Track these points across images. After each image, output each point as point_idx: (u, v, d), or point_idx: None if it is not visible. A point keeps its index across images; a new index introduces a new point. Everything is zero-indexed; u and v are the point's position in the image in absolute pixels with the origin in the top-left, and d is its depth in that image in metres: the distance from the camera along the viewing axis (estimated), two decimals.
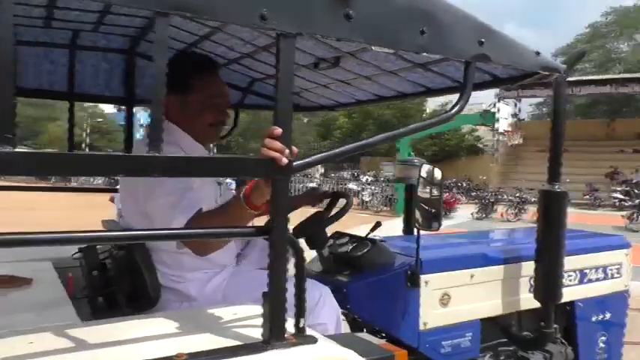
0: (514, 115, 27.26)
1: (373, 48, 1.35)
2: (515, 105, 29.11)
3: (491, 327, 2.39)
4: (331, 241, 2.37)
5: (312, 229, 2.10)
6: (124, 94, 2.53)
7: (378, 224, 2.28)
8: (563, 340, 2.57)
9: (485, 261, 2.29)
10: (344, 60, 2.08)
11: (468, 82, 1.46)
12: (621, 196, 15.75)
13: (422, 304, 2.10)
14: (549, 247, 2.22)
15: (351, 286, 2.07)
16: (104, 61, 2.44)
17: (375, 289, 2.08)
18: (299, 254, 1.21)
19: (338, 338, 1.35)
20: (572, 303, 2.63)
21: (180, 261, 1.74)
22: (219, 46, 2.30)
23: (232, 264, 1.92)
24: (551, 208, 2.24)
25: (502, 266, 2.33)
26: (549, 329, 2.28)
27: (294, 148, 1.23)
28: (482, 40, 1.47)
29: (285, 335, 1.18)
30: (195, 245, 1.62)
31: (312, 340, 1.19)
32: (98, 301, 1.70)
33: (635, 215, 14.35)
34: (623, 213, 15.50)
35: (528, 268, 2.31)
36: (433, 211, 1.92)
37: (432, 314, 2.14)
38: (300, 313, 1.21)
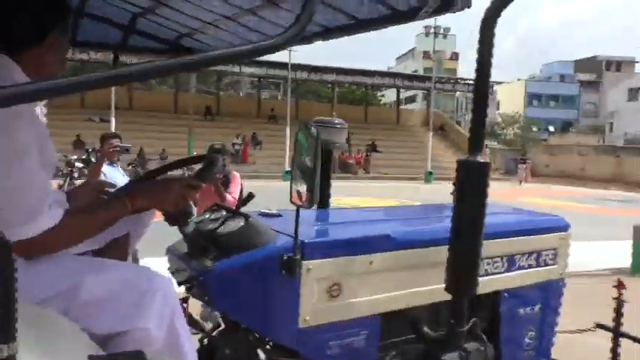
0: None
1: None
2: None
3: (397, 322, 2.02)
4: (207, 216, 1.94)
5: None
6: None
7: (250, 196, 1.85)
8: (483, 336, 2.22)
9: (388, 244, 1.89)
10: None
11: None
12: (81, 165, 16.74)
13: (302, 296, 1.70)
14: (465, 228, 1.84)
15: (212, 274, 1.64)
16: None
17: (242, 278, 1.66)
18: None
19: None
20: (497, 293, 2.28)
21: None
22: None
23: None
24: (471, 181, 1.85)
25: (410, 251, 1.94)
26: (461, 327, 1.92)
27: None
28: None
29: None
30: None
31: None
32: None
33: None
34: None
35: (443, 253, 1.93)
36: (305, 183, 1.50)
37: (315, 308, 1.73)
38: (4, 336, 0.77)
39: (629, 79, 48.94)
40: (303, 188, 1.59)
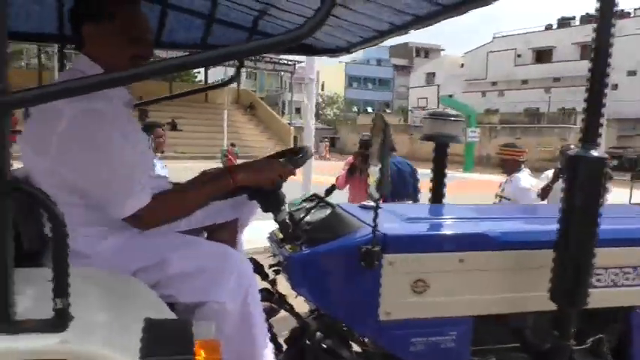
0: None
1: None
2: None
3: (496, 328, 1.89)
4: (304, 205, 2.03)
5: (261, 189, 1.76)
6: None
7: (333, 187, 1.88)
8: (609, 356, 1.96)
9: (483, 243, 1.77)
10: None
11: None
12: None
13: (383, 290, 1.69)
14: (575, 231, 1.65)
15: (294, 260, 1.72)
16: None
17: (322, 265, 1.71)
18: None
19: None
20: (629, 308, 1.98)
21: (69, 213, 1.52)
22: None
23: None
24: (582, 179, 1.64)
25: (510, 252, 1.79)
26: (565, 340, 1.72)
27: None
28: None
29: None
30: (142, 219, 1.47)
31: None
32: None
33: None
34: None
35: (548, 257, 1.74)
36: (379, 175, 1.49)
37: (398, 303, 1.71)
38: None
39: (427, 65, 56.06)
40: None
